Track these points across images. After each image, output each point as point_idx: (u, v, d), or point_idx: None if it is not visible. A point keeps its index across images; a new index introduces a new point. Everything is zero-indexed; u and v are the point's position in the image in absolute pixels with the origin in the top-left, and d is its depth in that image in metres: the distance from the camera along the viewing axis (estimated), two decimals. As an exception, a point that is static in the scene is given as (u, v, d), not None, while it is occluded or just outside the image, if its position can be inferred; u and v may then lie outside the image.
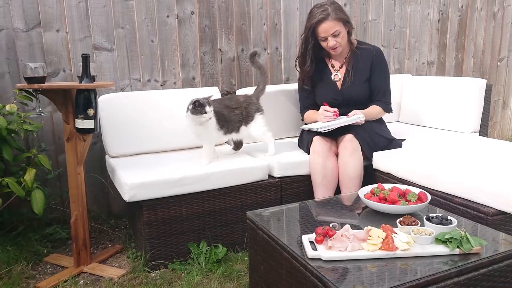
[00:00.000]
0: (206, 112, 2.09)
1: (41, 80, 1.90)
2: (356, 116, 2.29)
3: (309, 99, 2.57)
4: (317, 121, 2.41)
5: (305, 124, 2.53)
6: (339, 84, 2.48)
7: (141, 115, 2.45)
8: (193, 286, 1.91)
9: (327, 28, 2.28)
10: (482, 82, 2.77)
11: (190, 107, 2.11)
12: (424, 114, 3.04)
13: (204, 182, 2.09)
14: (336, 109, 2.35)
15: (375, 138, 2.36)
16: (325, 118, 2.33)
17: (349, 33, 2.40)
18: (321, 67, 2.51)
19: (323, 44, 2.37)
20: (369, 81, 2.45)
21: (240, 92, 2.65)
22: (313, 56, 2.42)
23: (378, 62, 2.44)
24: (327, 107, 2.38)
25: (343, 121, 2.28)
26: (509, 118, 4.36)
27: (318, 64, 2.48)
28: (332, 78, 2.48)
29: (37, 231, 2.42)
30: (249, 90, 2.53)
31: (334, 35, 2.30)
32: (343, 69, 2.48)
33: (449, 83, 2.93)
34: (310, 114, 2.55)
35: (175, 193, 2.05)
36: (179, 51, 2.80)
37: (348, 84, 2.44)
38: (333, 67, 2.51)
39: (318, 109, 2.48)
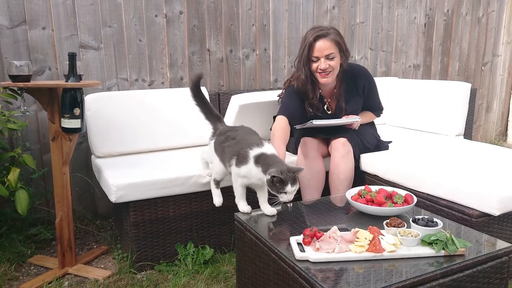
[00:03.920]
0: (285, 192, 1.62)
1: (26, 78, 1.87)
2: (353, 118, 2.29)
3: (295, 110, 2.30)
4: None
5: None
6: (331, 112, 2.38)
7: (128, 115, 2.42)
8: (180, 288, 1.90)
9: (323, 47, 2.14)
10: (467, 86, 2.82)
11: (268, 176, 1.64)
12: (410, 117, 3.08)
13: (192, 183, 2.07)
14: None
15: (366, 142, 2.38)
16: None
17: (341, 66, 2.26)
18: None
19: (314, 66, 2.19)
20: (361, 104, 2.42)
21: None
22: (310, 79, 2.25)
23: (369, 86, 2.40)
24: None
25: (340, 120, 2.28)
26: (492, 121, 4.44)
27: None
28: (325, 109, 2.37)
29: (21, 231, 2.37)
30: (244, 97, 2.45)
31: (328, 58, 2.16)
32: (334, 101, 2.37)
33: (434, 86, 2.97)
34: (280, 128, 2.23)
35: (163, 194, 2.03)
36: (167, 51, 2.78)
37: (342, 116, 2.35)
38: (323, 99, 2.37)
39: (296, 122, 2.29)
